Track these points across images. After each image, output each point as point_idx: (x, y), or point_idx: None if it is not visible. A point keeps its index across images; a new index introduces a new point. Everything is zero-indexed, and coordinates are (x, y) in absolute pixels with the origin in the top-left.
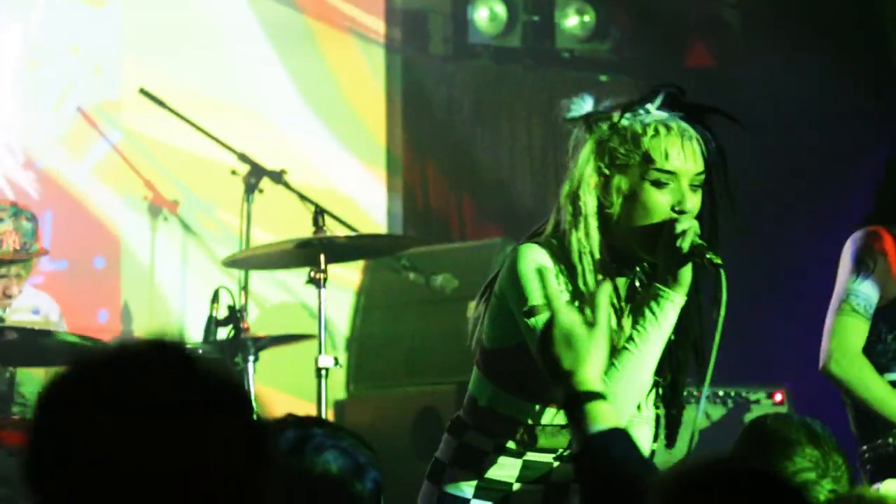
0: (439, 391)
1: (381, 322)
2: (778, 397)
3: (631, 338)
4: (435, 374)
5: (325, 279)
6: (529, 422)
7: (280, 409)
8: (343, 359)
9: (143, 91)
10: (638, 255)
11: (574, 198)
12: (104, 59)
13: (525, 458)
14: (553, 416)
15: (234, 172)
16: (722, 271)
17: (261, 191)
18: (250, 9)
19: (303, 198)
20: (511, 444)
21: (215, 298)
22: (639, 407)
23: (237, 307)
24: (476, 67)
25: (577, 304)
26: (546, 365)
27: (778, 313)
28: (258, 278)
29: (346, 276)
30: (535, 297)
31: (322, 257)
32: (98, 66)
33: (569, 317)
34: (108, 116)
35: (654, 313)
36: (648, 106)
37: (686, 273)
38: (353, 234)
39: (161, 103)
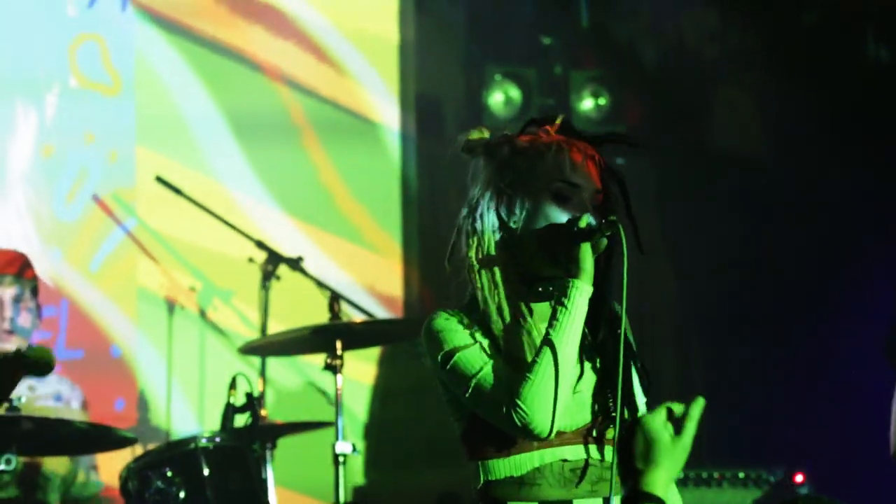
0: (459, 475)
1: (399, 408)
2: (799, 478)
3: (546, 332)
4: (455, 459)
5: (342, 365)
6: (529, 472)
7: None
8: (361, 445)
9: (159, 179)
10: (545, 271)
11: (472, 219)
12: (119, 146)
13: None
14: (548, 456)
15: (251, 260)
16: (620, 227)
17: (278, 278)
18: (265, 97)
19: (319, 284)
20: (533, 498)
21: (233, 385)
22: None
23: (254, 394)
24: None
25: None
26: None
27: (797, 394)
28: (276, 365)
29: (364, 363)
30: (446, 346)
31: (338, 343)
32: (113, 153)
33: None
34: (124, 204)
35: (563, 304)
36: (548, 128)
37: (587, 258)
38: (369, 319)
39: (177, 190)
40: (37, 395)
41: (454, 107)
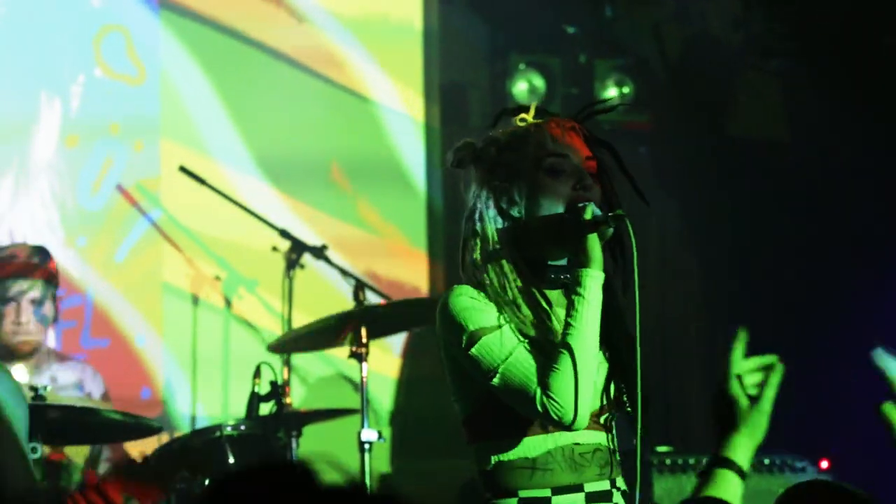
0: None
1: (425, 395)
2: (824, 465)
3: (567, 322)
4: None
5: (367, 353)
6: (541, 455)
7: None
8: (387, 433)
9: (182, 168)
10: (553, 255)
11: (473, 223)
12: (144, 136)
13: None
14: (561, 439)
15: (275, 248)
16: (627, 220)
17: (302, 267)
18: (288, 85)
19: (344, 273)
20: (535, 494)
21: (257, 374)
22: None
23: (279, 382)
24: None
25: (520, 327)
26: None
27: (824, 381)
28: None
29: (389, 350)
30: (471, 326)
31: (364, 331)
32: (138, 143)
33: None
34: (149, 194)
35: (579, 293)
36: (524, 115)
37: (595, 247)
38: (393, 301)
39: (201, 180)
40: (58, 385)
41: (478, 96)
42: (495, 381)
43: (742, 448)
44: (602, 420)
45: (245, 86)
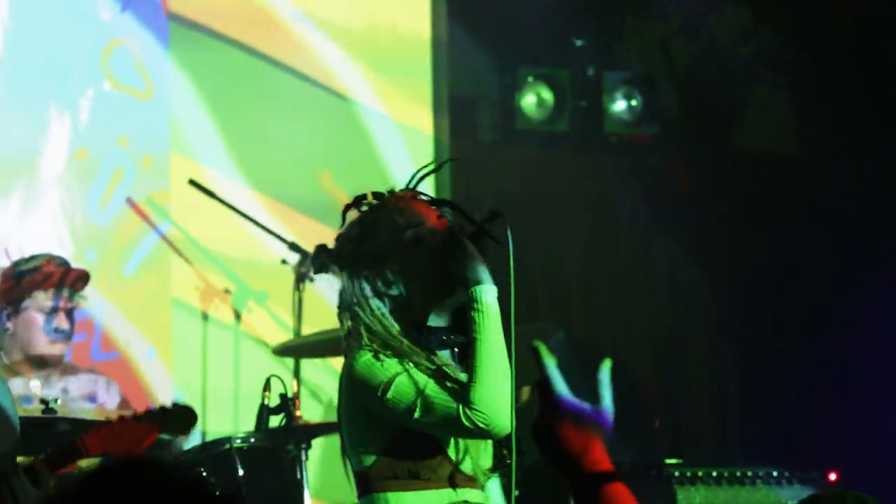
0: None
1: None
2: (832, 476)
3: (472, 339)
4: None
5: None
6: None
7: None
8: None
9: (192, 182)
10: (440, 313)
11: (356, 311)
12: (153, 150)
13: None
14: (455, 496)
15: (284, 262)
16: (501, 219)
17: (311, 279)
18: (297, 99)
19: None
20: None
21: (267, 387)
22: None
23: (289, 395)
24: (524, 153)
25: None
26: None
27: (833, 394)
28: (310, 365)
29: None
30: (382, 376)
31: None
32: (147, 157)
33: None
34: (158, 207)
35: (476, 309)
36: (365, 202)
37: (475, 265)
38: None
39: (211, 193)
40: (71, 397)
41: (487, 109)
42: (416, 413)
43: (606, 457)
44: (483, 480)
45: (253, 100)
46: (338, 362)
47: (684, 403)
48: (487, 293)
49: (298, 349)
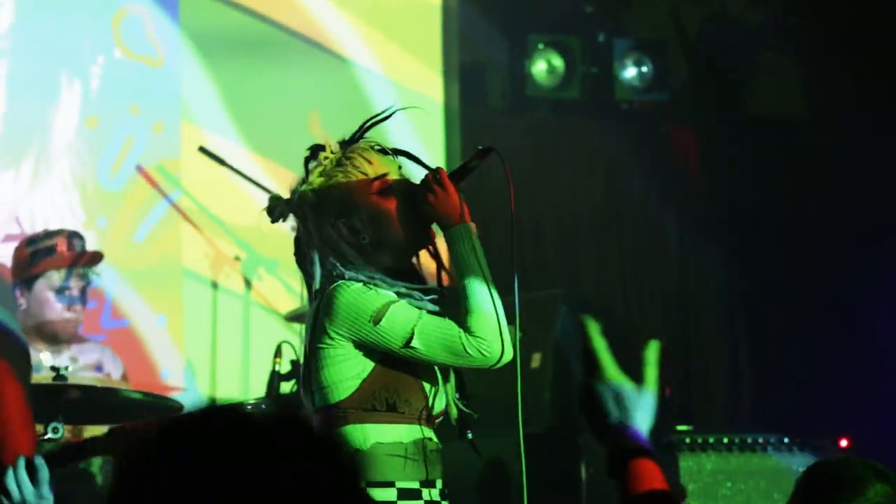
0: (505, 442)
1: None
2: (843, 443)
3: (459, 275)
4: (500, 426)
5: None
6: (411, 444)
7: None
8: None
9: (202, 149)
10: (405, 260)
11: (333, 257)
12: (164, 117)
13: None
14: (419, 433)
15: (294, 229)
16: (495, 153)
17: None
18: (306, 65)
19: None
20: (408, 485)
21: (278, 353)
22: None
23: (300, 361)
24: (535, 120)
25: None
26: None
27: (845, 361)
28: None
29: None
30: (375, 304)
31: None
32: (158, 124)
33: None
34: (169, 175)
35: (460, 246)
36: (327, 154)
37: (452, 203)
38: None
39: (221, 161)
40: (78, 366)
41: (497, 76)
42: (414, 342)
43: (642, 433)
44: (436, 421)
45: (262, 67)
46: None
47: (695, 370)
48: (467, 233)
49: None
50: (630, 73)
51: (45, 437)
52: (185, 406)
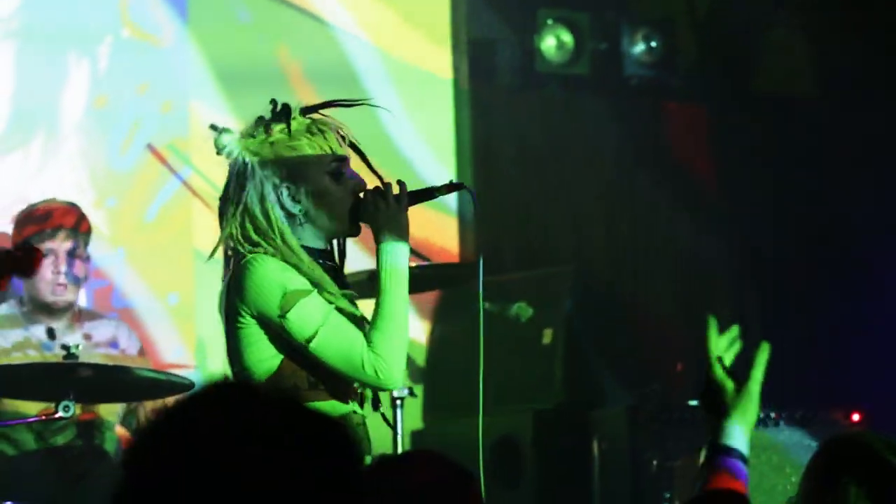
0: (516, 419)
1: (457, 352)
2: (855, 417)
3: (379, 290)
4: (511, 403)
5: None
6: (344, 417)
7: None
8: (418, 389)
9: (213, 126)
10: (325, 243)
11: (261, 215)
12: (173, 96)
13: None
14: (343, 408)
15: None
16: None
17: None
18: (314, 42)
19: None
20: None
21: None
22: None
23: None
24: (544, 96)
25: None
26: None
27: (858, 335)
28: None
29: (421, 306)
30: (288, 290)
31: None
32: (167, 103)
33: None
34: (179, 153)
35: (389, 265)
36: (296, 116)
37: (398, 221)
38: (424, 263)
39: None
40: (94, 343)
41: (506, 52)
42: (314, 343)
43: (738, 433)
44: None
45: (274, 44)
46: (362, 305)
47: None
48: (401, 253)
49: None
50: (639, 49)
51: (57, 415)
52: (197, 384)
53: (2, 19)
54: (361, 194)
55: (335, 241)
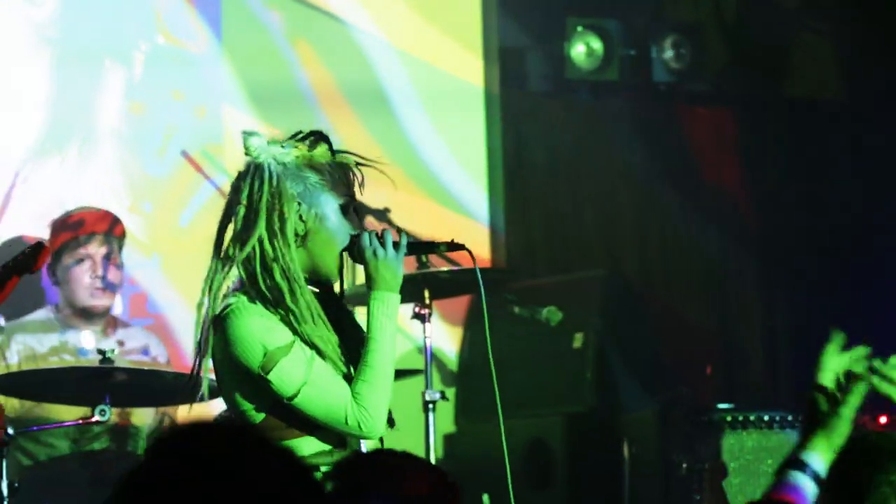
0: (547, 422)
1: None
2: (882, 420)
3: (368, 339)
4: (542, 406)
5: (430, 314)
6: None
7: (388, 444)
8: (450, 393)
9: (245, 132)
10: (326, 273)
11: (277, 225)
12: (207, 102)
13: None
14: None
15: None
16: (470, 252)
17: (364, 229)
18: (346, 49)
19: (407, 234)
20: None
21: None
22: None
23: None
24: (574, 103)
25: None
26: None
27: (886, 338)
28: (363, 313)
29: (452, 310)
30: (266, 348)
31: (426, 292)
32: (201, 109)
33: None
34: (213, 159)
35: (381, 313)
36: (322, 143)
37: (395, 269)
38: (455, 268)
39: None
40: (125, 350)
41: (536, 59)
42: (297, 400)
43: (819, 450)
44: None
45: (307, 51)
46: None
47: (736, 348)
48: (393, 303)
49: (352, 298)
50: (668, 55)
51: (94, 419)
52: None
53: (39, 26)
54: (360, 235)
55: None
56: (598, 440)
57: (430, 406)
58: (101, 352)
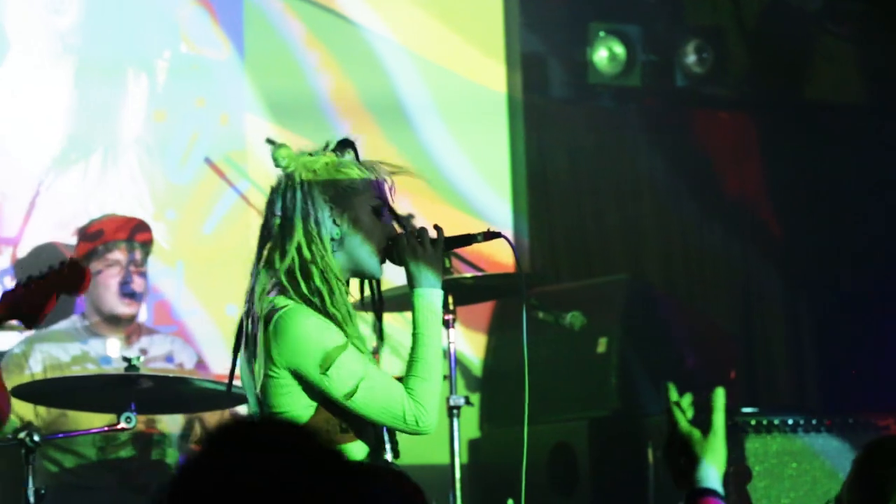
0: (572, 427)
1: (512, 360)
2: None
3: (421, 334)
4: (567, 411)
5: (455, 319)
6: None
7: (413, 450)
8: (475, 398)
9: (269, 141)
10: (370, 272)
11: (304, 230)
12: (230, 110)
13: None
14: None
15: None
16: (505, 237)
17: None
18: (367, 56)
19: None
20: None
21: None
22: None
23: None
24: (596, 108)
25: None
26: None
27: None
28: (387, 319)
29: (476, 316)
30: (323, 347)
31: (450, 298)
32: (224, 116)
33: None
34: (236, 166)
35: (427, 309)
36: (350, 151)
37: (434, 266)
38: (479, 274)
39: None
40: (149, 357)
41: (559, 65)
42: (354, 398)
43: (713, 474)
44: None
45: (328, 58)
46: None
47: (760, 352)
48: (437, 298)
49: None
50: (691, 59)
51: (119, 426)
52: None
53: (62, 35)
54: (397, 236)
55: (368, 284)
56: (623, 444)
57: (455, 411)
58: (126, 359)
